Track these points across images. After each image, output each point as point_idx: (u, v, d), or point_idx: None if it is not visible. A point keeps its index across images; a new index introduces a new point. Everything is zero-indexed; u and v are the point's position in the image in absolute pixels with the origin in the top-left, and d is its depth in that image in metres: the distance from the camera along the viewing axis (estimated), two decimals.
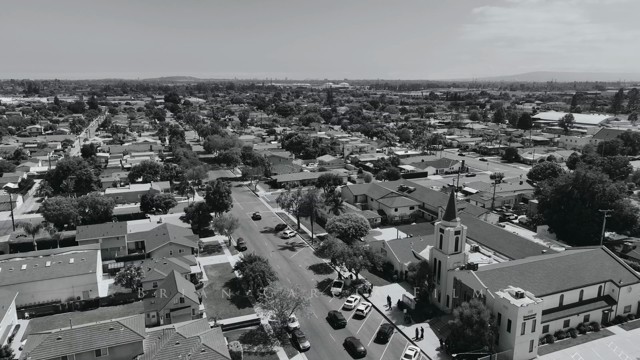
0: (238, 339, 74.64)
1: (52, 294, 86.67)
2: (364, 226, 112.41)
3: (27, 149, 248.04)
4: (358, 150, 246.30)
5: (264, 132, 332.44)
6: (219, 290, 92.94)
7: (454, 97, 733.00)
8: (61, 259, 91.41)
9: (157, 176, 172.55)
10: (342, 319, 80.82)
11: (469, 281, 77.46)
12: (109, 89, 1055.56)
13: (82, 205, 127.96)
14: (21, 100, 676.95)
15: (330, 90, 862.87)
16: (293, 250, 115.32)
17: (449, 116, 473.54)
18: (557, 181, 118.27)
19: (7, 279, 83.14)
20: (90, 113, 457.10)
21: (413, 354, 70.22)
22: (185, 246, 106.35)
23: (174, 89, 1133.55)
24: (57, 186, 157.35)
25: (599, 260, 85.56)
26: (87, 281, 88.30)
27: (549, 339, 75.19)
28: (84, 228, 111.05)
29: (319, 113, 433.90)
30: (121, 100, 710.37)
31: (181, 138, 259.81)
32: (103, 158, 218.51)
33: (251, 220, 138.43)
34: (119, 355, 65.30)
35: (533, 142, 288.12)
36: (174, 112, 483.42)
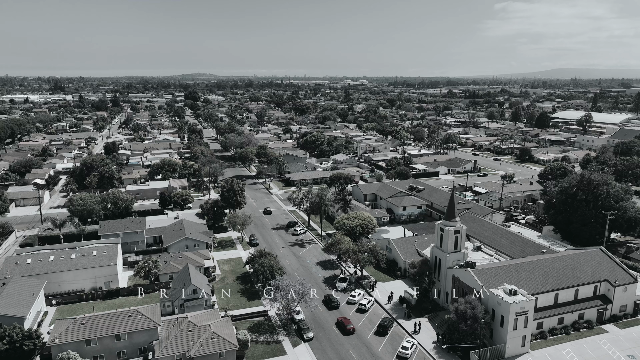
0: (246, 328, 79.77)
1: (77, 284, 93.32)
2: (371, 224, 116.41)
3: (53, 146, 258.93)
4: (371, 149, 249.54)
5: (280, 130, 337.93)
6: (231, 284, 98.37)
7: (473, 95, 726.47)
8: (85, 251, 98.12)
9: (176, 174, 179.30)
10: (336, 301, 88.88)
11: (467, 279, 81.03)
12: (131, 86, 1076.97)
13: (104, 201, 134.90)
14: (48, 97, 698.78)
15: (348, 88, 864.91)
16: (302, 247, 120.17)
17: (466, 115, 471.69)
18: (562, 182, 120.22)
19: (36, 269, 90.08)
20: (113, 111, 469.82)
21: (410, 346, 74.30)
22: (200, 241, 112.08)
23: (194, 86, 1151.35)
24: (82, 182, 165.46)
25: (596, 261, 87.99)
26: (108, 272, 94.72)
27: (543, 335, 78.36)
28: (106, 223, 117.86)
29: (335, 111, 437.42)
30: (143, 97, 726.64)
31: (199, 136, 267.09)
32: (124, 155, 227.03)
33: (263, 216, 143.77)
34: (136, 340, 71.11)
35: (549, 142, 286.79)
36: (194, 110, 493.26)
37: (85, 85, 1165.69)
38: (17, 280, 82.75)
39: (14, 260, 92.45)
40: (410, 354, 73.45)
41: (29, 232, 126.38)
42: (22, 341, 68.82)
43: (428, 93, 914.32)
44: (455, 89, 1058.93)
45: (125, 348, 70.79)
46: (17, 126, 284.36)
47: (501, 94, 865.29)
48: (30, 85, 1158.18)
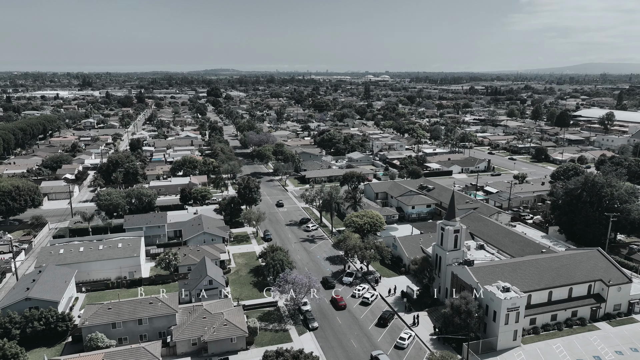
0: (257, 317, 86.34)
1: (104, 273, 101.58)
2: (379, 222, 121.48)
3: (82, 142, 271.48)
4: (387, 147, 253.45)
5: (299, 127, 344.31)
6: (244, 276, 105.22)
7: (495, 92, 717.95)
8: (111, 243, 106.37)
9: (196, 170, 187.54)
10: (332, 282, 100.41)
11: (464, 275, 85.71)
12: (155, 82, 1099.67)
13: (129, 196, 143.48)
14: (76, 93, 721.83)
15: (368, 85, 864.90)
16: (313, 242, 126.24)
17: (486, 112, 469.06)
18: (568, 184, 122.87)
19: (68, 259, 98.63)
20: (138, 107, 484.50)
21: (407, 337, 79.63)
22: (217, 236, 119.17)
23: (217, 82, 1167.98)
24: (108, 178, 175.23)
25: (592, 261, 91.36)
26: (132, 263, 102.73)
27: (535, 330, 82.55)
28: (130, 217, 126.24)
29: (353, 109, 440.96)
30: (167, 93, 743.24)
31: (219, 134, 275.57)
32: (148, 152, 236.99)
33: (278, 213, 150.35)
34: (156, 325, 78.45)
35: (567, 141, 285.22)
36: (215, 107, 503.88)
37: (111, 81, 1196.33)
38: (51, 269, 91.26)
39: (49, 250, 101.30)
40: (407, 344, 78.78)
41: (60, 225, 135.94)
42: (56, 323, 76.96)
43: (450, 89, 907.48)
44: (478, 85, 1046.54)
45: (146, 331, 78.21)
46: (48, 123, 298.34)
47: (524, 90, 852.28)
48: (59, 81, 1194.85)
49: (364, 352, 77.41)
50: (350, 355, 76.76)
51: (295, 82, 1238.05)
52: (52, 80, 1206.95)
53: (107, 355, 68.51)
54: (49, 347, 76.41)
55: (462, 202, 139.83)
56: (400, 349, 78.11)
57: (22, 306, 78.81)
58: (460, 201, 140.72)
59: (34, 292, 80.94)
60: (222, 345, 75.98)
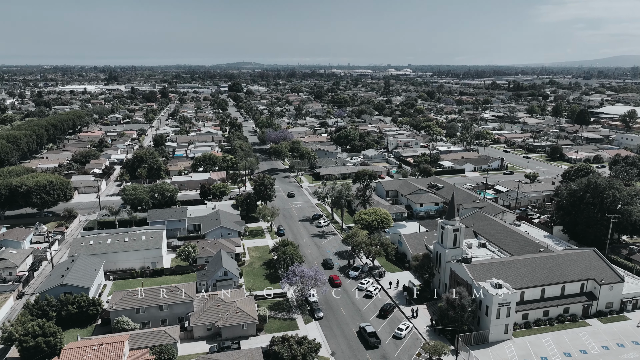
0: (267, 306, 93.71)
1: (129, 263, 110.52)
2: (386, 220, 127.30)
3: (108, 137, 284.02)
4: (402, 145, 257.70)
5: (317, 123, 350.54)
6: (258, 268, 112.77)
7: (517, 87, 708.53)
8: (136, 235, 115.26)
9: (216, 166, 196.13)
10: (331, 263, 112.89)
11: (461, 272, 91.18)
12: (179, 76, 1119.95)
13: (152, 191, 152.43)
14: (103, 87, 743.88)
15: (388, 80, 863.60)
16: (324, 238, 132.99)
17: (506, 108, 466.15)
18: (571, 185, 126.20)
19: (97, 250, 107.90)
20: (162, 102, 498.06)
21: (404, 328, 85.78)
22: (234, 230, 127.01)
23: (239, 76, 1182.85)
24: (133, 173, 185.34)
25: (587, 261, 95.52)
26: (154, 254, 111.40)
27: (527, 325, 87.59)
28: (153, 211, 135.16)
29: (372, 105, 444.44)
30: (189, 88, 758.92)
31: (239, 130, 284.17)
32: (171, 147, 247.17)
33: (292, 209, 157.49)
34: (175, 311, 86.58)
35: (584, 140, 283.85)
36: (236, 102, 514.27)
37: (136, 75, 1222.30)
38: (82, 258, 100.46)
39: (80, 241, 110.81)
40: (405, 335, 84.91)
41: (90, 217, 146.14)
42: (87, 307, 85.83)
43: (471, 84, 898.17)
44: (501, 80, 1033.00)
45: (166, 317, 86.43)
46: (77, 118, 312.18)
47: (548, 85, 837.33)
48: (87, 75, 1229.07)
49: (364, 340, 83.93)
50: (350, 343, 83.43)
51: (316, 76, 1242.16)
52: (79, 74, 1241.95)
53: (131, 337, 76.80)
54: (81, 328, 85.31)
55: (469, 201, 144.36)
56: (398, 339, 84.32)
57: (57, 291, 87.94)
58: (467, 200, 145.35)
59: (68, 279, 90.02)
60: (235, 331, 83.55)
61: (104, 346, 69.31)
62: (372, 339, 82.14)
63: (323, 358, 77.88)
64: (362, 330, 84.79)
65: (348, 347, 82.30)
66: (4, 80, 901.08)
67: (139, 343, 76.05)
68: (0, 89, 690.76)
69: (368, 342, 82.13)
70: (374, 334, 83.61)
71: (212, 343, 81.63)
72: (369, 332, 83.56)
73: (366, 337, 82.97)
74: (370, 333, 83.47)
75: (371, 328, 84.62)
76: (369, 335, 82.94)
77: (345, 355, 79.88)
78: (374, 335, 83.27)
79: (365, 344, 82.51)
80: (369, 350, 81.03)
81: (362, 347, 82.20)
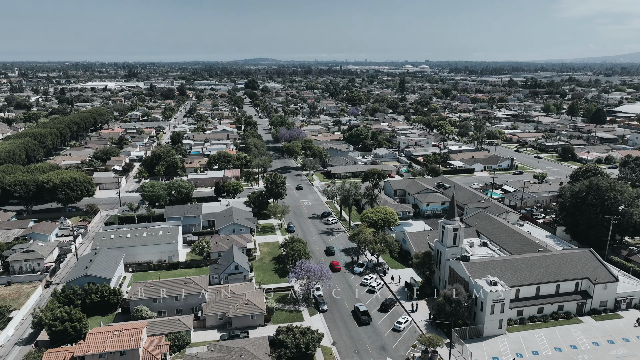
0: (275, 299, 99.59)
1: (147, 256, 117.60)
2: (392, 218, 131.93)
3: (128, 134, 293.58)
4: (413, 144, 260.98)
5: (331, 122, 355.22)
6: (267, 263, 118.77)
7: (534, 84, 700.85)
8: (153, 231, 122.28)
9: (230, 164, 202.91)
10: (332, 249, 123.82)
11: (459, 269, 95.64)
12: (196, 73, 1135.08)
13: (169, 188, 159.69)
14: (122, 84, 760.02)
15: (404, 77, 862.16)
16: (332, 235, 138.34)
17: (522, 107, 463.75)
18: (573, 187, 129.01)
19: (118, 243, 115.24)
20: (179, 99, 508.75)
21: (403, 321, 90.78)
22: (246, 227, 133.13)
23: (255, 72, 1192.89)
24: (151, 170, 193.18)
25: (582, 261, 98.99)
26: (171, 249, 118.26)
27: (522, 321, 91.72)
28: (170, 207, 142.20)
29: (385, 103, 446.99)
30: (207, 85, 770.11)
31: (254, 128, 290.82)
32: (188, 145, 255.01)
33: (302, 207, 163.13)
34: (189, 302, 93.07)
35: (598, 140, 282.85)
36: (252, 99, 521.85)
37: (155, 72, 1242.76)
38: (104, 251, 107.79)
39: (102, 235, 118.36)
40: (404, 327, 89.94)
41: (110, 212, 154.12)
42: (109, 296, 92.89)
43: (488, 81, 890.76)
44: (519, 77, 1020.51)
45: (181, 307, 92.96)
46: (98, 116, 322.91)
47: (567, 82, 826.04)
48: (107, 72, 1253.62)
49: (365, 332, 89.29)
50: (352, 334, 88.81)
51: (332, 73, 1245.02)
52: (100, 71, 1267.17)
53: (149, 324, 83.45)
54: (103, 315, 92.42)
55: (474, 201, 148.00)
56: (397, 331, 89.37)
57: (82, 281, 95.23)
58: (473, 200, 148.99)
59: (91, 270, 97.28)
60: (244, 321, 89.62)
61: (125, 332, 75.92)
62: (364, 317, 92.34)
63: (325, 347, 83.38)
64: (356, 310, 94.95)
65: (349, 337, 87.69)
66: (28, 77, 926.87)
67: (156, 330, 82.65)
68: (25, 85, 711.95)
69: (360, 319, 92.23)
70: (366, 312, 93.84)
71: (223, 332, 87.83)
72: (361, 311, 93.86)
73: (359, 315, 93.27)
74: (362, 312, 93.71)
75: (364, 307, 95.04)
76: (362, 314, 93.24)
77: (347, 345, 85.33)
78: (365, 313, 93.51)
79: (358, 321, 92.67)
80: (361, 327, 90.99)
81: (355, 324, 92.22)
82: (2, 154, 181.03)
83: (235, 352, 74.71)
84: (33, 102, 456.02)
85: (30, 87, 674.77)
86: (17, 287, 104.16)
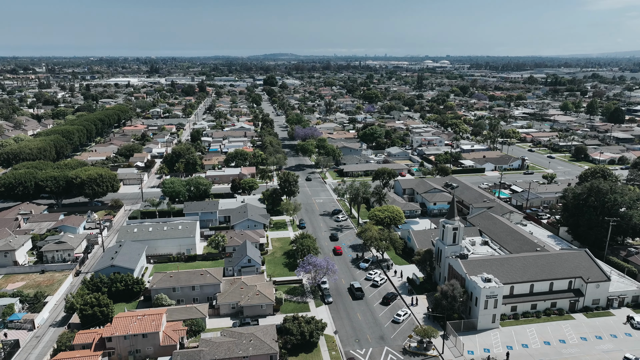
0: (284, 291, 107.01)
1: (167, 249, 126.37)
2: (399, 216, 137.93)
3: (150, 131, 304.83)
4: (426, 142, 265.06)
5: (347, 119, 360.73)
6: (279, 257, 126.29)
7: (554, 82, 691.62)
8: (173, 225, 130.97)
9: (246, 162, 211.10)
10: (336, 235, 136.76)
11: (457, 267, 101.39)
12: (216, 68, 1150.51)
13: (189, 185, 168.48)
14: (145, 80, 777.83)
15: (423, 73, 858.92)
16: (341, 232, 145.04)
17: (540, 105, 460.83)
18: (575, 189, 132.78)
19: (140, 236, 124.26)
20: (199, 96, 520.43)
21: (402, 314, 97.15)
22: (259, 222, 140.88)
23: (274, 68, 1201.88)
24: (172, 167, 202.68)
25: (577, 260, 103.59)
26: (189, 242, 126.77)
27: (516, 316, 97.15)
28: (189, 203, 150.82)
29: (402, 101, 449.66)
30: (226, 81, 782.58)
31: (270, 126, 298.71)
32: (206, 142, 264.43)
33: (314, 204, 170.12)
34: (205, 291, 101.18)
35: (614, 140, 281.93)
36: (270, 96, 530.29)
37: (176, 67, 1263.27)
38: (128, 244, 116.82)
39: (126, 229, 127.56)
40: (403, 320, 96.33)
41: (133, 207, 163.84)
42: (132, 285, 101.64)
43: (509, 78, 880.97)
44: (541, 73, 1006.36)
45: (198, 296, 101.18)
46: (122, 113, 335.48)
47: (590, 79, 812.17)
48: (130, 67, 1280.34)
49: (366, 323, 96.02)
50: (354, 324, 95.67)
51: (350, 68, 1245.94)
52: (123, 67, 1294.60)
53: (168, 311, 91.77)
54: (127, 302, 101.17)
55: (479, 201, 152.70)
56: (396, 323, 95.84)
57: (108, 271, 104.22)
58: (479, 200, 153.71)
59: (116, 260, 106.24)
60: (255, 310, 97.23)
61: (147, 317, 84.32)
62: (357, 293, 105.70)
63: (328, 335, 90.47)
64: (351, 287, 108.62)
65: (351, 327, 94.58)
66: (55, 73, 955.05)
67: (174, 316, 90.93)
68: (52, 81, 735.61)
69: (354, 294, 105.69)
70: (360, 289, 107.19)
71: (235, 319, 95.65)
72: (356, 287, 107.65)
73: (354, 291, 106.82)
74: (357, 288, 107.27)
75: (358, 284, 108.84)
76: (356, 290, 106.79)
77: (348, 334, 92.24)
78: (359, 290, 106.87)
79: (352, 296, 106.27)
80: (355, 301, 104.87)
81: (350, 298, 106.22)
82: (34, 151, 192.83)
83: (245, 338, 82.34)
84: (60, 99, 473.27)
85: (57, 83, 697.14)
86: (50, 275, 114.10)
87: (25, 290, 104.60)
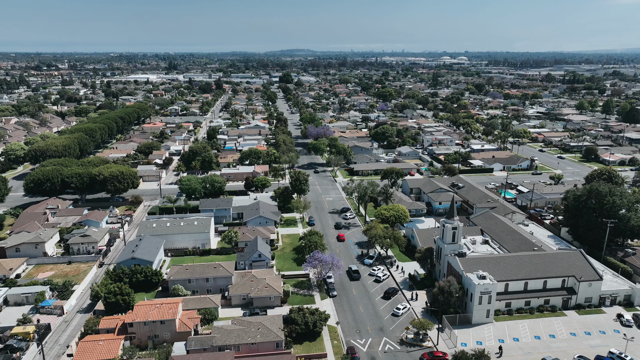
0: (291, 284, 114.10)
1: (183, 243, 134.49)
2: (404, 215, 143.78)
3: (168, 128, 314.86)
4: (437, 142, 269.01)
5: (360, 118, 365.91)
6: (288, 253, 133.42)
7: (572, 79, 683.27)
8: (189, 221, 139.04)
9: (260, 160, 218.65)
10: (341, 224, 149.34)
11: (455, 264, 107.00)
12: (233, 65, 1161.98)
13: (204, 182, 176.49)
14: (163, 77, 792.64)
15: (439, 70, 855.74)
16: (348, 229, 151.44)
17: (556, 103, 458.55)
18: (575, 191, 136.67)
19: (159, 231, 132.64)
20: (216, 93, 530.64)
21: (402, 308, 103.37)
22: (270, 219, 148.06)
23: (290, 65, 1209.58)
24: (188, 165, 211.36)
25: (571, 260, 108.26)
26: (204, 237, 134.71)
27: (510, 312, 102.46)
28: (204, 200, 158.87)
29: (416, 99, 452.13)
30: (243, 78, 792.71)
31: (284, 125, 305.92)
32: (222, 140, 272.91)
33: (324, 202, 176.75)
34: (218, 283, 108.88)
35: (627, 140, 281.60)
36: (285, 94, 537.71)
37: (194, 64, 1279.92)
38: (148, 238, 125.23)
39: (146, 224, 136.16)
40: (402, 313, 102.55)
41: (152, 203, 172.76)
42: (151, 276, 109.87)
43: (526, 75, 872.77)
44: (560, 70, 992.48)
45: (211, 287, 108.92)
46: (141, 110, 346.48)
47: (611, 76, 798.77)
48: (148, 63, 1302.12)
49: (367, 315, 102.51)
50: (356, 316, 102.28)
51: (366, 65, 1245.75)
52: (142, 63, 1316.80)
53: (184, 301, 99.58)
54: (147, 292, 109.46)
55: (483, 201, 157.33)
56: (396, 316, 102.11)
57: (129, 263, 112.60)
58: (482, 200, 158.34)
59: (137, 253, 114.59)
60: (263, 302, 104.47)
61: (164, 305, 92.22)
62: (355, 274, 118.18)
63: (331, 326, 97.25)
64: (350, 269, 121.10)
65: (353, 319, 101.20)
66: (76, 70, 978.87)
67: (190, 305, 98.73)
68: (75, 78, 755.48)
69: (352, 276, 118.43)
70: (357, 271, 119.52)
71: (245, 309, 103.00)
72: (353, 270, 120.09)
73: (351, 273, 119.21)
74: (354, 271, 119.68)
75: (355, 267, 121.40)
76: (353, 272, 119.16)
77: (350, 326, 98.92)
78: (357, 272, 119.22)
79: (349, 277, 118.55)
80: (352, 282, 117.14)
81: (348, 279, 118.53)
82: (60, 148, 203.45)
83: (254, 326, 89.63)
84: (82, 96, 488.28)
85: (79, 80, 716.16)
86: (76, 265, 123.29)
87: (55, 279, 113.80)
